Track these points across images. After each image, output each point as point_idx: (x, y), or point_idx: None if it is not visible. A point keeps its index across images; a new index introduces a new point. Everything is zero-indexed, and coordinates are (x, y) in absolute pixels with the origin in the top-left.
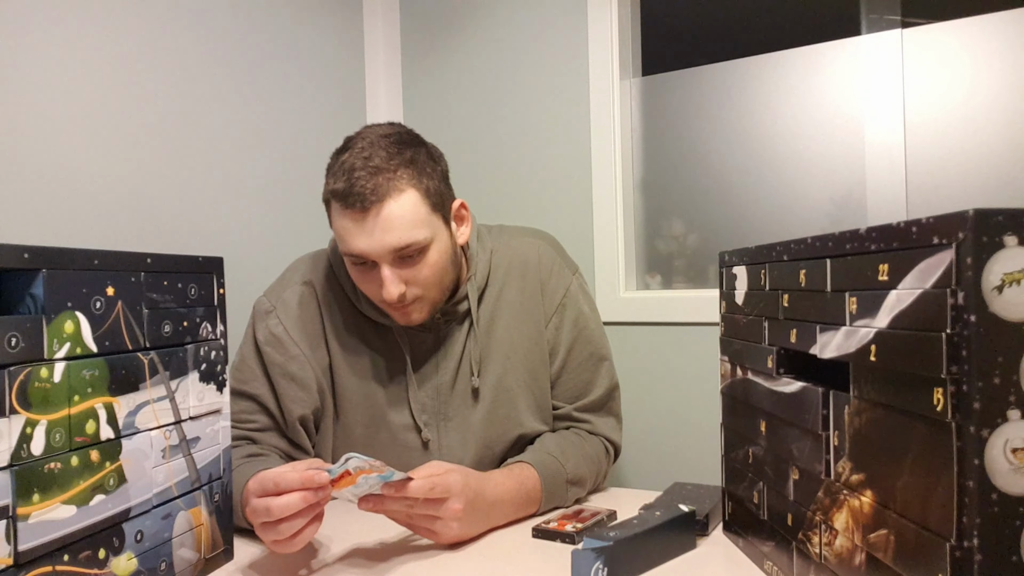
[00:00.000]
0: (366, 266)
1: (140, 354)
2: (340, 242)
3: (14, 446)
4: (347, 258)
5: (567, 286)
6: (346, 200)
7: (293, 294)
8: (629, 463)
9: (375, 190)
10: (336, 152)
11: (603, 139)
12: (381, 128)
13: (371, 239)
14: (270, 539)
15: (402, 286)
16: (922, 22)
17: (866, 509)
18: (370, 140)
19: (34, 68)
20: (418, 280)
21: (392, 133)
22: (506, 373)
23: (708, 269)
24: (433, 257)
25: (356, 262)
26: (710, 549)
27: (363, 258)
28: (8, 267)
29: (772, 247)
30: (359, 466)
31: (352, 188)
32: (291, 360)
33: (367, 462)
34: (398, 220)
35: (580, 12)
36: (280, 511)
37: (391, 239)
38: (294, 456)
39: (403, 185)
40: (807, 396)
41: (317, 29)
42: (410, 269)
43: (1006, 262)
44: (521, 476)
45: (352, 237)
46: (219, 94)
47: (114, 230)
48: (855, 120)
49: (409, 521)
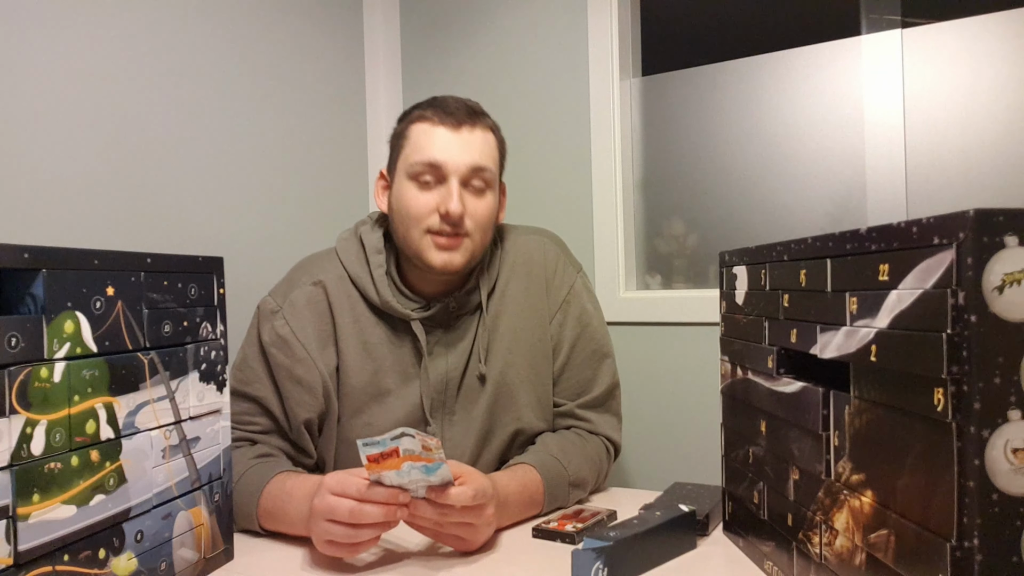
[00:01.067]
0: (430, 184)
1: (140, 354)
2: (418, 152)
3: (14, 446)
4: (414, 173)
5: (571, 283)
6: (440, 116)
7: (302, 295)
8: (629, 463)
9: (469, 114)
10: (418, 104)
11: (603, 139)
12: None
13: (457, 150)
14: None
15: (463, 209)
16: (922, 22)
17: (866, 509)
18: (455, 96)
19: (34, 68)
20: (476, 213)
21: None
22: (508, 367)
23: (708, 269)
24: (490, 200)
25: (425, 176)
26: (710, 549)
27: (438, 169)
28: (8, 267)
29: (772, 247)
30: (410, 449)
31: (447, 108)
32: (297, 363)
33: (420, 441)
34: (483, 145)
35: (580, 12)
36: (360, 516)
37: (474, 155)
38: (298, 458)
39: (489, 125)
40: (807, 396)
41: (317, 29)
42: (472, 198)
43: (1006, 262)
44: (525, 478)
45: (439, 144)
46: (219, 94)
47: (114, 230)
48: (855, 120)
49: (439, 531)
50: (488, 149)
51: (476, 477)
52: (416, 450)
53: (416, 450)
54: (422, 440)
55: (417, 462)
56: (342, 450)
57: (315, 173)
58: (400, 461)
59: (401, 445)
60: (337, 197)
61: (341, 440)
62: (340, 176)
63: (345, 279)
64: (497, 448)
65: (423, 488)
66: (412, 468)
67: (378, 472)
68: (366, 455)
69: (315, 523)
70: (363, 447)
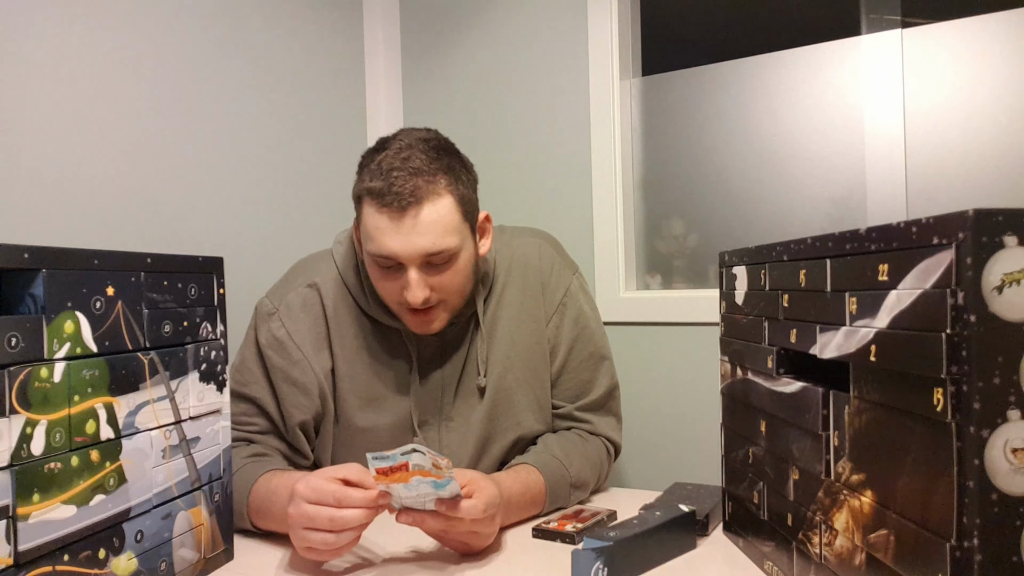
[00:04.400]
0: (391, 269)
1: (140, 354)
2: (369, 241)
3: (14, 446)
4: (372, 259)
5: (567, 285)
6: (383, 199)
7: (297, 297)
8: (629, 463)
9: (414, 191)
10: (371, 151)
11: (603, 139)
12: (418, 132)
13: (405, 241)
14: (317, 546)
15: (427, 291)
16: (922, 22)
17: (866, 509)
18: (408, 142)
19: (34, 68)
20: (443, 286)
21: (430, 138)
22: (507, 372)
23: (708, 269)
24: (459, 265)
25: (383, 264)
26: (710, 549)
27: (392, 260)
28: (8, 267)
29: (772, 247)
30: (420, 464)
31: (391, 187)
32: (293, 365)
33: (431, 459)
34: (433, 224)
35: (580, 12)
36: (343, 522)
37: (425, 243)
38: (294, 459)
39: (441, 190)
40: (807, 396)
41: (317, 29)
42: (436, 275)
43: (1006, 262)
44: (527, 479)
45: (385, 237)
46: (219, 94)
47: (114, 230)
48: (855, 120)
49: (445, 536)
50: (442, 225)
51: (485, 487)
52: (426, 466)
53: (426, 466)
54: (433, 459)
55: (426, 477)
56: (339, 452)
57: (315, 173)
58: (409, 475)
59: (411, 460)
60: (337, 197)
61: (337, 442)
62: (340, 176)
63: (339, 282)
64: (497, 454)
65: (431, 501)
66: (421, 482)
67: (387, 484)
68: (375, 468)
69: (293, 532)
70: (372, 460)
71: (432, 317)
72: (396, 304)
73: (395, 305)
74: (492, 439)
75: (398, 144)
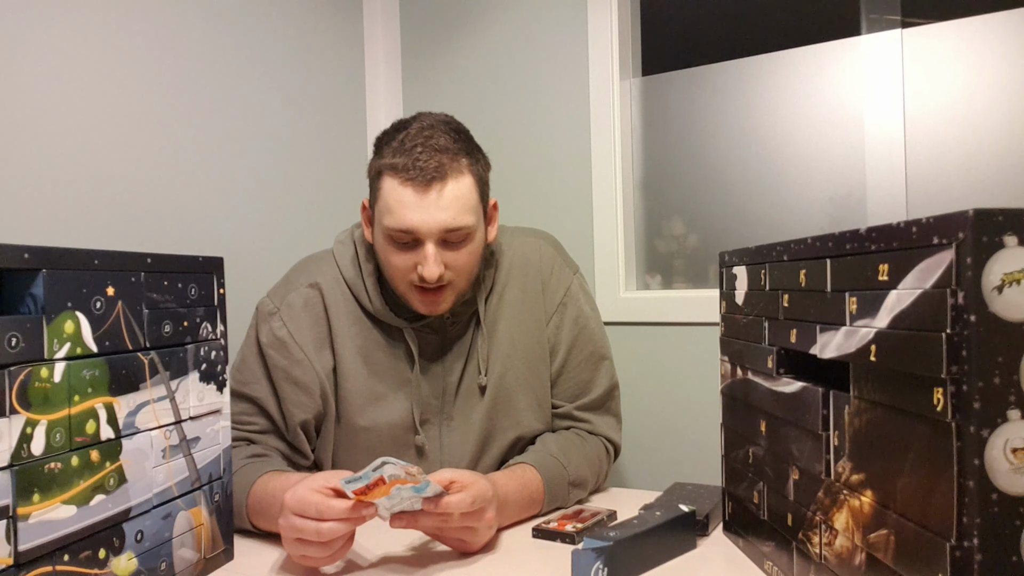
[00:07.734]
0: (407, 245)
1: (140, 354)
2: (388, 215)
3: (14, 446)
4: (389, 234)
5: (568, 285)
6: (408, 172)
7: (298, 296)
8: (629, 463)
9: (439, 167)
10: (390, 130)
11: (603, 139)
12: (437, 115)
13: (426, 215)
14: (309, 556)
15: (442, 267)
16: (922, 22)
17: (866, 509)
18: (430, 123)
19: (34, 68)
20: (456, 265)
21: (450, 120)
22: (507, 371)
23: (708, 269)
24: (473, 245)
25: (400, 239)
26: (710, 549)
27: (410, 234)
28: (8, 267)
29: (772, 247)
30: (394, 474)
31: (415, 162)
32: (295, 364)
33: (402, 468)
34: (455, 201)
35: (580, 12)
36: (329, 534)
37: (445, 217)
38: (294, 458)
39: (463, 168)
40: (807, 396)
41: (317, 29)
42: (451, 252)
43: (1006, 262)
44: (524, 478)
45: (407, 210)
46: (219, 94)
47: (114, 230)
48: (855, 120)
49: (440, 534)
50: (462, 202)
51: (474, 482)
52: (400, 475)
53: (400, 475)
54: (404, 468)
55: (405, 484)
56: (339, 452)
57: (315, 173)
58: (388, 487)
59: (384, 472)
60: (337, 197)
61: (338, 442)
62: (340, 176)
63: (341, 282)
64: (497, 453)
65: (418, 502)
66: (401, 490)
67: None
68: (351, 491)
69: (284, 542)
70: (346, 485)
71: (441, 297)
72: (405, 283)
73: (404, 285)
74: (492, 438)
75: (420, 124)
